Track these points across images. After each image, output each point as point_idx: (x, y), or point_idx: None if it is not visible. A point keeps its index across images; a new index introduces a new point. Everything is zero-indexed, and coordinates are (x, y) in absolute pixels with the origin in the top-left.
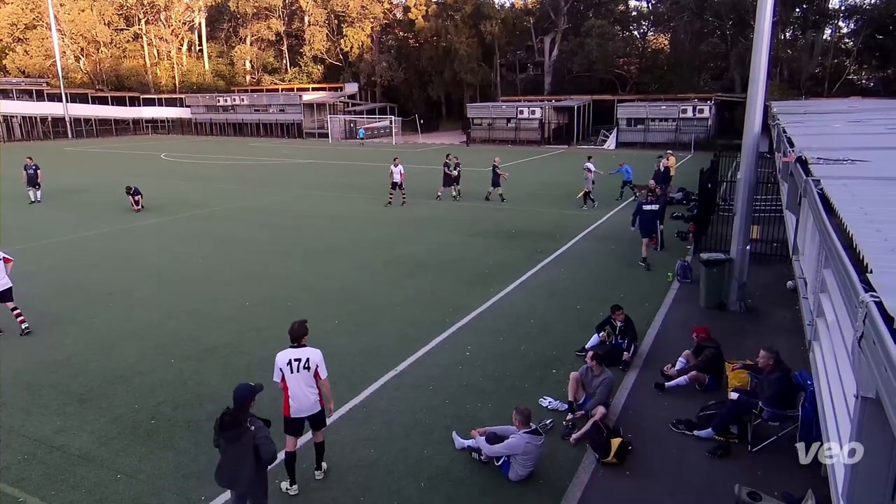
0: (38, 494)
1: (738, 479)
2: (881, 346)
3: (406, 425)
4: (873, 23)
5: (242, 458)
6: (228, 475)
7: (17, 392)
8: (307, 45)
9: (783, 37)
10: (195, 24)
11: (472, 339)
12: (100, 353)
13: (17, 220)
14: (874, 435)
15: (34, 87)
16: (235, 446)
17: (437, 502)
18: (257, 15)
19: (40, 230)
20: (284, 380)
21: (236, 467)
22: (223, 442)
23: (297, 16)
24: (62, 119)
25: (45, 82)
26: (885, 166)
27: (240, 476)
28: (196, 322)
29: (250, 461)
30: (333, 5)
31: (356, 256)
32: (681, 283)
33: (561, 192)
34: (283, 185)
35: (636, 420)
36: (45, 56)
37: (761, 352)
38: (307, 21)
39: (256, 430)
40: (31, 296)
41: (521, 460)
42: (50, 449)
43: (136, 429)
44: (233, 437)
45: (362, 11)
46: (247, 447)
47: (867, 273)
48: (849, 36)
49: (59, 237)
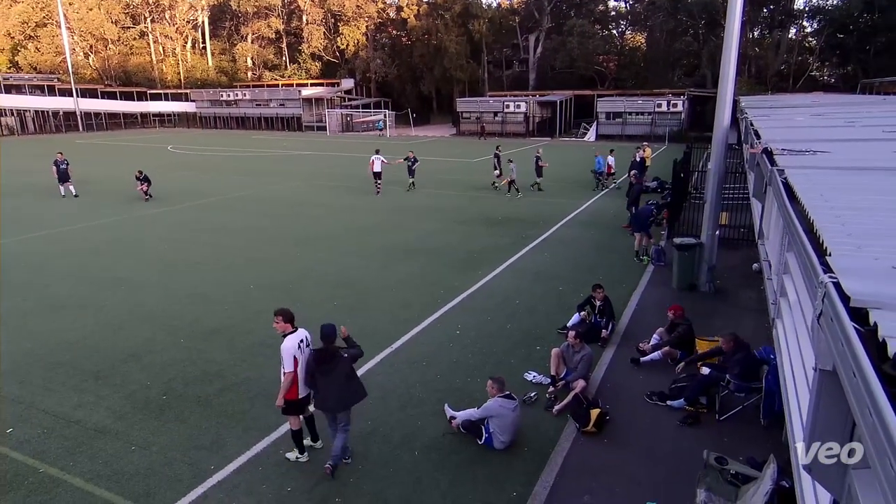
0: (57, 465)
1: (706, 445)
2: (838, 323)
3: (401, 399)
4: (834, 23)
5: (339, 384)
6: (332, 401)
7: (35, 370)
8: (305, 43)
9: (751, 35)
10: (199, 22)
11: (461, 319)
12: (111, 334)
13: (31, 209)
14: (830, 404)
15: (46, 83)
16: (331, 376)
17: (429, 470)
18: (258, 14)
19: (52, 219)
20: (297, 365)
21: (335, 392)
22: (320, 375)
23: (295, 15)
24: (73, 113)
25: (56, 78)
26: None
27: (340, 398)
28: (202, 305)
29: (344, 384)
30: (330, 5)
31: (351, 243)
32: (655, 266)
33: (546, 181)
34: (282, 176)
35: (614, 392)
36: (55, 53)
37: (721, 338)
38: (305, 20)
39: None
40: (44, 281)
41: (498, 425)
42: (68, 423)
43: (149, 404)
44: (329, 368)
45: (357, 11)
46: (341, 374)
47: (826, 256)
48: (812, 35)
49: (70, 225)
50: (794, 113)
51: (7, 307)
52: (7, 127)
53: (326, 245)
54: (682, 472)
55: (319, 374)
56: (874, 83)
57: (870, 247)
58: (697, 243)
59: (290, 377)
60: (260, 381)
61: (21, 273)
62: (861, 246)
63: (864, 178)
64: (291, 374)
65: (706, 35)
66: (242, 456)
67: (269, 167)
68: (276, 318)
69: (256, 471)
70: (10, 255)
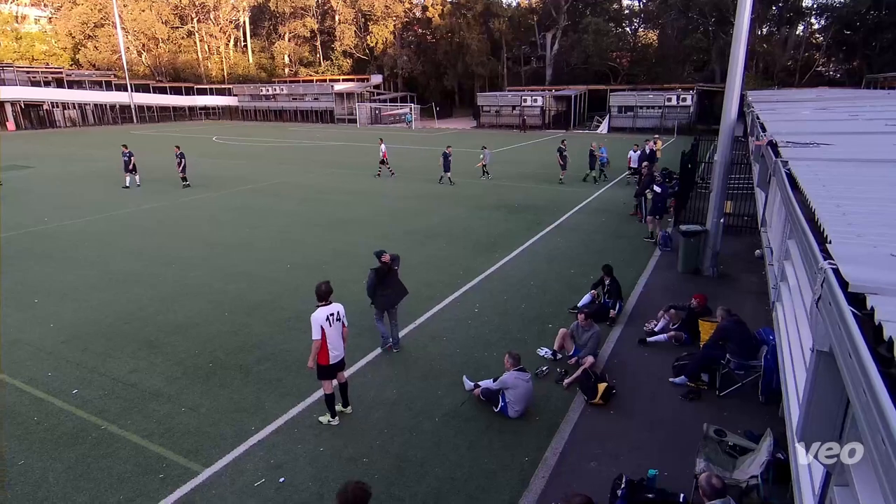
0: (117, 423)
1: (706, 419)
2: (836, 307)
3: (423, 370)
4: (842, 20)
5: (395, 287)
6: (391, 299)
7: (97, 339)
8: (338, 41)
9: (760, 32)
10: (240, 22)
11: (479, 298)
12: (164, 307)
13: (94, 194)
14: (826, 382)
15: (103, 79)
16: (389, 281)
17: (449, 435)
18: (294, 14)
19: (112, 202)
20: (325, 334)
21: (394, 293)
22: (382, 282)
23: (329, 14)
24: (128, 106)
25: (112, 74)
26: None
27: (397, 297)
28: (244, 282)
29: (399, 288)
30: (361, 5)
31: (378, 227)
32: (661, 251)
33: (558, 171)
34: (316, 164)
35: (620, 368)
36: (111, 51)
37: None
38: (338, 19)
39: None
40: (106, 258)
41: (513, 395)
42: (125, 386)
43: (197, 371)
44: (390, 278)
45: (386, 10)
46: (396, 281)
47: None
48: (819, 32)
49: (128, 209)
50: (800, 107)
51: (74, 281)
52: (70, 119)
53: (356, 228)
54: (682, 442)
55: (382, 282)
56: (879, 78)
57: (869, 235)
58: (703, 230)
59: (317, 345)
60: (294, 352)
61: (86, 251)
62: (861, 234)
63: (865, 169)
64: (318, 342)
65: (716, 32)
66: (280, 419)
67: (303, 156)
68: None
69: (292, 432)
70: (77, 235)
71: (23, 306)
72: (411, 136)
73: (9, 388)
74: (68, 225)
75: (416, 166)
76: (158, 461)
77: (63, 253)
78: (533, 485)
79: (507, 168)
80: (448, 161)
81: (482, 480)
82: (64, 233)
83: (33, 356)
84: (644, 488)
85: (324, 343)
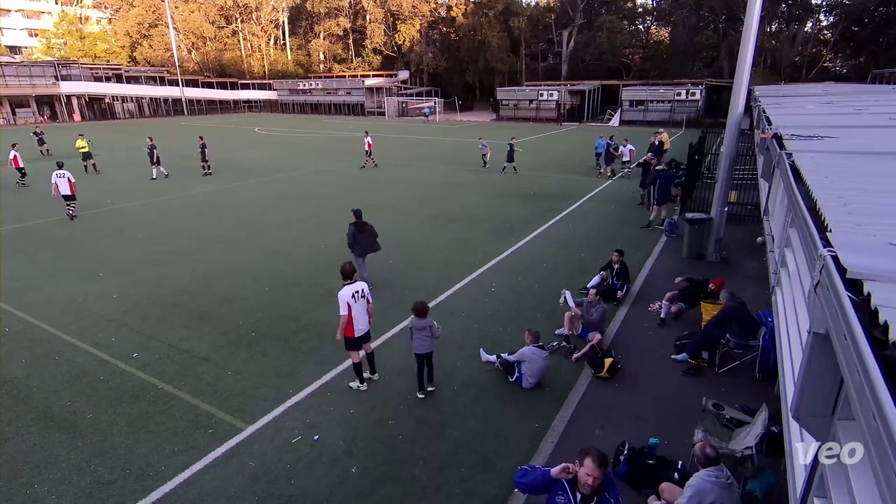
0: (171, 384)
1: (705, 393)
2: (833, 292)
3: (443, 342)
4: (850, 16)
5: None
6: (363, 249)
7: (154, 310)
8: (368, 40)
9: (769, 29)
10: (280, 22)
11: (496, 278)
12: (211, 281)
13: (146, 181)
14: (821, 363)
15: (157, 75)
16: (363, 234)
17: (466, 402)
18: (329, 14)
19: (159, 189)
20: (350, 310)
21: (366, 245)
22: (357, 233)
23: (360, 14)
24: (179, 100)
25: (165, 70)
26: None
27: (368, 249)
28: (282, 261)
29: (372, 242)
30: (390, 5)
31: (405, 211)
32: (667, 238)
33: (572, 161)
34: (347, 153)
35: (625, 344)
36: (164, 49)
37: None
38: (368, 19)
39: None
40: (160, 238)
41: (529, 369)
42: (179, 351)
43: (241, 340)
44: (366, 232)
45: (413, 10)
46: (369, 234)
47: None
48: (827, 28)
49: (177, 193)
50: (805, 101)
51: (132, 259)
52: (128, 111)
53: (385, 213)
54: (682, 414)
55: (357, 233)
56: (885, 73)
57: (869, 225)
58: (707, 218)
59: (344, 320)
60: (328, 324)
61: (143, 231)
62: (860, 224)
63: (868, 162)
64: (345, 317)
65: (726, 29)
66: (314, 384)
67: (336, 146)
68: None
69: (326, 396)
70: (135, 217)
71: (90, 279)
72: (433, 129)
73: (79, 351)
74: (128, 207)
75: (441, 155)
76: (208, 418)
77: (123, 233)
78: (542, 448)
79: (525, 158)
80: (512, 152)
81: (495, 443)
82: (125, 214)
83: (98, 323)
84: (645, 455)
85: (350, 318)
